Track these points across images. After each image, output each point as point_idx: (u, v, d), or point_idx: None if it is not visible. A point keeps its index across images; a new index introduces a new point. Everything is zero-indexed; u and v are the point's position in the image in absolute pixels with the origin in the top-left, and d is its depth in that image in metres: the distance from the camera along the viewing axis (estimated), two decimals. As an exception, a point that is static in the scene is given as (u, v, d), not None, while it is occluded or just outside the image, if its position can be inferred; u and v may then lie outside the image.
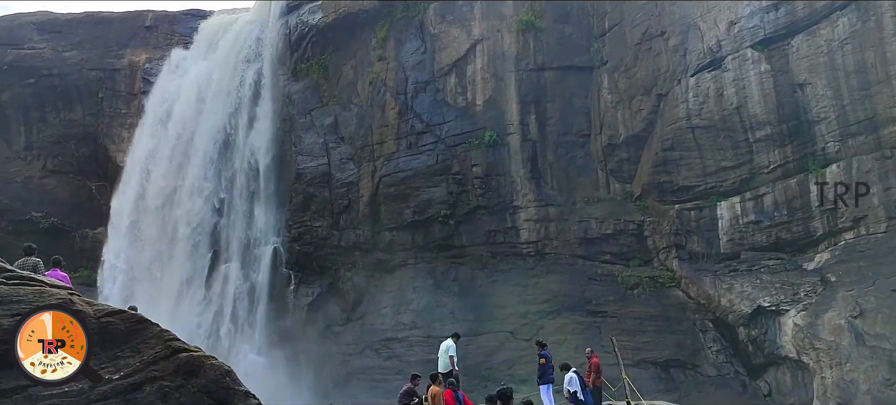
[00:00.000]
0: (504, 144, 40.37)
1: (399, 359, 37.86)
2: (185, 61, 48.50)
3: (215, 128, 45.09)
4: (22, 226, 47.19)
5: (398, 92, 42.57)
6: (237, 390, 11.47)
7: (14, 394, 9.98)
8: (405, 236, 40.97)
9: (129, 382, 10.65)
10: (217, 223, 43.59)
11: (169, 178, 44.70)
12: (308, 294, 41.57)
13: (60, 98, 49.81)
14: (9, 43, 50.66)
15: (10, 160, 49.83)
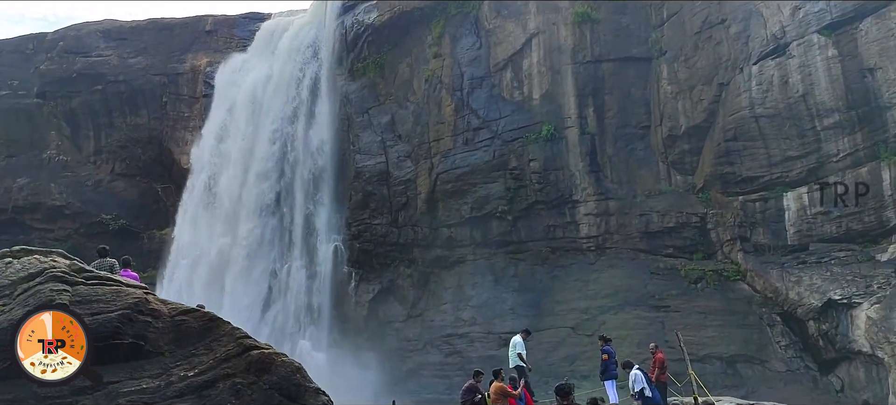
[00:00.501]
0: (562, 138, 40.01)
1: (460, 355, 37.91)
2: (244, 64, 49.41)
3: (275, 129, 45.84)
4: (93, 228, 48.99)
5: (454, 88, 42.60)
6: (308, 387, 11.64)
7: (95, 390, 10.31)
8: (463, 232, 40.99)
9: (203, 379, 10.89)
10: (279, 222, 44.34)
11: (231, 179, 45.63)
12: (368, 291, 41.95)
13: (126, 103, 51.32)
14: (78, 51, 52.46)
15: (81, 164, 51.63)
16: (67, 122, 52.04)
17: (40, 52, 53.46)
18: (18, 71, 53.16)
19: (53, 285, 10.61)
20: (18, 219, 50.62)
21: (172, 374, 10.91)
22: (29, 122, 51.90)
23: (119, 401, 10.34)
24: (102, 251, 14.62)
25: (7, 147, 51.98)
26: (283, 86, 46.75)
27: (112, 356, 10.64)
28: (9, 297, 10.56)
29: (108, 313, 10.73)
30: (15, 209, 50.82)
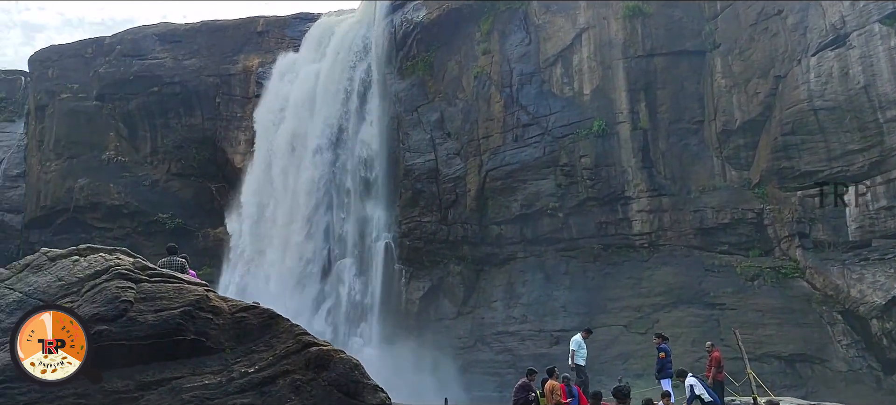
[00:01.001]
0: (613, 134, 39.53)
1: (511, 353, 37.79)
2: (295, 64, 50.01)
3: (326, 127, 46.32)
4: (151, 226, 50.22)
5: (503, 85, 42.44)
6: (366, 384, 11.69)
7: (159, 386, 10.54)
8: (513, 230, 40.83)
9: (263, 376, 11.03)
10: (331, 220, 44.80)
11: (284, 178, 46.27)
12: (419, 288, 42.09)
13: (182, 104, 52.39)
14: (134, 54, 53.74)
15: (139, 164, 52.90)
16: (125, 123, 53.35)
17: (99, 56, 54.90)
18: (78, 74, 54.70)
19: (119, 283, 10.85)
20: (80, 219, 52.12)
21: (233, 371, 11.06)
22: (89, 123, 53.34)
23: (182, 396, 10.53)
24: (171, 249, 14.90)
25: (68, 148, 53.50)
26: (333, 85, 47.19)
27: (174, 352, 10.85)
28: (76, 294, 10.83)
29: (171, 310, 10.93)
30: (76, 209, 52.35)
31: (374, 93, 46.30)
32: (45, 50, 58.88)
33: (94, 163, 52.77)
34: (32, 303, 10.80)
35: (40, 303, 10.69)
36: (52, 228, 52.31)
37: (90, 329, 10.21)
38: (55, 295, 10.92)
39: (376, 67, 46.76)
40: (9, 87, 60.81)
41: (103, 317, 10.32)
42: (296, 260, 44.31)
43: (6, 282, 11.33)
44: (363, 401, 11.69)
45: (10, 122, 59.26)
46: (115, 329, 10.38)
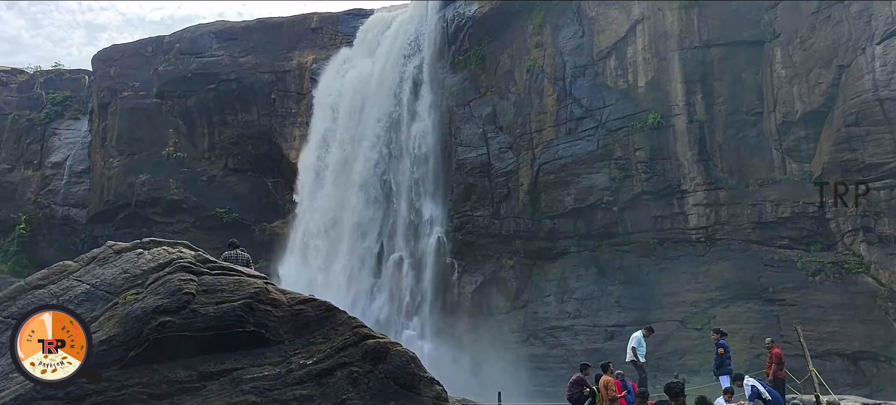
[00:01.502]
0: (669, 126, 38.90)
1: (564, 348, 37.59)
2: (348, 60, 50.49)
3: (379, 123, 46.66)
4: (209, 221, 51.35)
5: (556, 78, 42.14)
6: (422, 376, 11.76)
7: (220, 377, 10.76)
8: (567, 224, 40.55)
9: (321, 367, 11.18)
10: (384, 215, 45.15)
11: (337, 173, 46.79)
12: (471, 282, 42.15)
13: (238, 100, 53.33)
14: (192, 52, 54.92)
15: (197, 160, 54.08)
16: (184, 120, 54.56)
17: (158, 54, 56.23)
18: (139, 73, 56.13)
19: (181, 275, 11.10)
20: (140, 213, 53.56)
21: (292, 362, 11.22)
22: (149, 121, 54.72)
23: (243, 386, 10.73)
24: (233, 244, 15.20)
25: (130, 145, 55.00)
26: (386, 80, 47.50)
27: (235, 344, 11.06)
28: (141, 286, 11.13)
29: (232, 302, 11.14)
30: (137, 203, 53.81)
31: (426, 87, 46.46)
32: (107, 49, 60.54)
33: (154, 159, 54.12)
34: (100, 294, 11.15)
35: (107, 294, 11.03)
36: (114, 223, 53.90)
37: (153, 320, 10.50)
38: (121, 287, 11.24)
39: (428, 62, 46.89)
40: (74, 86, 62.64)
41: (166, 309, 10.58)
42: (349, 254, 44.80)
43: (75, 274, 11.71)
44: (419, 393, 11.75)
45: (75, 120, 61.08)
46: (178, 320, 10.62)
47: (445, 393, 12.23)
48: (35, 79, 63.29)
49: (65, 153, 59.54)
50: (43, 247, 54.89)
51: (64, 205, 57.78)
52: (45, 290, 11.39)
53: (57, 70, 65.47)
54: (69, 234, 56.07)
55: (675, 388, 15.77)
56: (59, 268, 12.03)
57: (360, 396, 11.28)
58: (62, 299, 11.14)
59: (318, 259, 45.89)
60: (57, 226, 56.95)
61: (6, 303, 11.25)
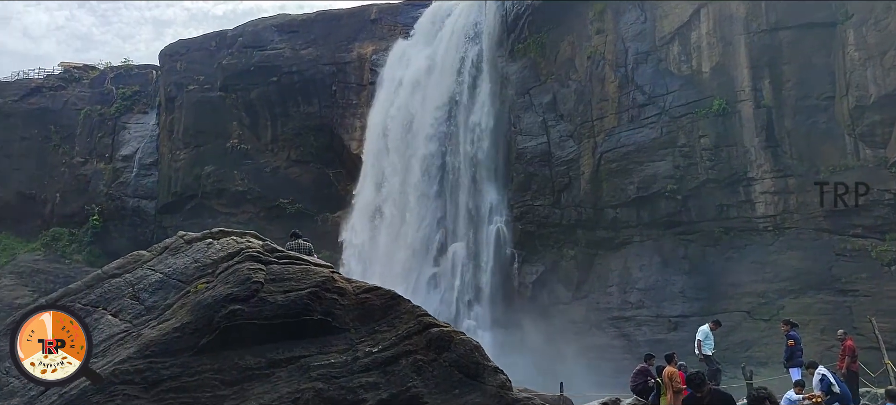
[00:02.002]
0: (734, 112, 37.93)
1: (627, 339, 37.12)
2: (407, 50, 50.65)
3: (438, 112, 46.70)
4: (273, 211, 52.33)
5: (618, 64, 41.49)
6: (486, 365, 11.73)
7: (288, 364, 10.92)
8: (629, 213, 39.97)
9: (386, 355, 11.24)
10: (443, 205, 45.23)
11: (397, 163, 47.04)
12: (532, 272, 41.94)
13: (299, 93, 54.10)
14: (255, 46, 55.91)
15: (260, 152, 55.12)
16: (247, 112, 55.61)
17: (222, 48, 57.41)
18: (204, 67, 57.43)
19: (250, 264, 11.30)
20: (206, 205, 54.90)
21: (358, 350, 11.32)
22: (214, 113, 55.93)
23: (310, 373, 10.87)
24: (295, 234, 15.40)
25: (196, 138, 56.35)
26: (446, 70, 47.49)
27: (302, 331, 11.19)
28: (211, 276, 11.36)
29: (299, 291, 11.28)
30: (203, 194, 55.18)
31: (486, 76, 46.29)
32: (173, 44, 62.10)
33: (219, 151, 55.34)
34: (172, 283, 11.45)
35: (180, 282, 11.30)
36: (182, 213, 55.35)
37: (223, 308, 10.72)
38: (192, 275, 11.51)
39: (487, 51, 46.72)
40: (142, 81, 64.45)
41: (236, 297, 10.78)
42: (409, 244, 45.03)
43: (148, 263, 12.05)
44: (484, 382, 11.73)
45: (143, 113, 62.86)
46: (248, 308, 10.81)
47: (509, 382, 12.18)
48: (105, 75, 65.33)
49: (134, 146, 61.36)
50: (115, 238, 56.77)
51: (134, 196, 59.60)
52: (121, 279, 11.75)
53: (126, 66, 67.48)
54: (139, 225, 57.80)
55: (697, 379, 15.02)
56: (134, 257, 12.40)
57: (425, 384, 11.31)
58: (137, 287, 11.48)
59: (379, 249, 46.27)
60: (128, 216, 58.79)
61: (86, 291, 11.65)
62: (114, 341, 10.67)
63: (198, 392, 10.19)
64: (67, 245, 59.16)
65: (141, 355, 10.20)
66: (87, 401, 9.67)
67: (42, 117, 61.87)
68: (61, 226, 60.01)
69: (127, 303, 11.36)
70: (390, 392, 10.99)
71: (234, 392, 10.36)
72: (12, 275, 57.13)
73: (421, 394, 11.13)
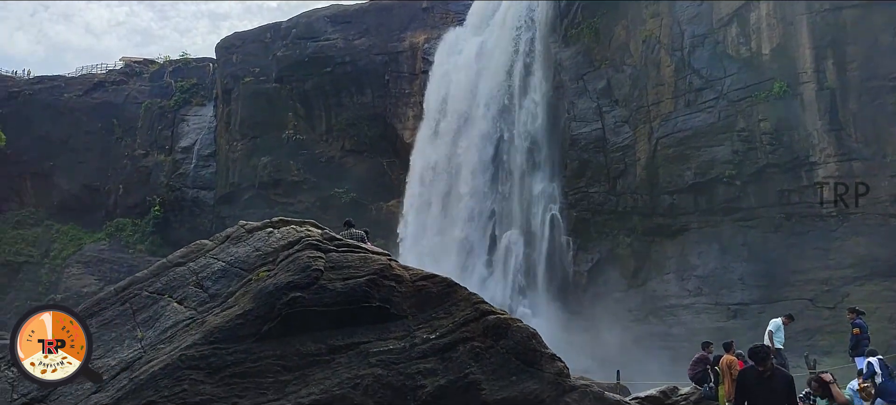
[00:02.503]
0: (796, 95, 36.89)
1: (685, 327, 36.53)
2: (460, 38, 50.58)
3: (490, 100, 46.60)
4: (328, 201, 52.93)
5: (674, 48, 40.71)
6: (543, 352, 11.69)
7: (348, 350, 11.05)
8: (686, 199, 39.28)
9: (444, 342, 11.28)
10: (496, 193, 45.14)
11: (450, 151, 47.06)
12: (587, 260, 41.59)
13: (353, 83, 54.54)
14: (308, 37, 56.53)
15: (315, 142, 55.82)
16: (302, 103, 56.30)
17: (277, 40, 58.20)
18: (259, 59, 58.31)
19: (310, 252, 11.43)
20: (263, 195, 55.83)
21: (416, 337, 11.38)
22: (269, 105, 56.78)
23: (369, 359, 10.98)
24: (348, 223, 15.55)
25: (252, 129, 57.32)
26: (498, 57, 47.32)
27: (361, 318, 11.30)
28: (272, 263, 11.54)
29: (358, 278, 11.37)
30: (260, 185, 56.14)
31: (538, 63, 45.98)
32: (228, 37, 63.25)
33: (275, 142, 56.17)
34: (234, 271, 11.66)
35: (242, 271, 11.51)
36: (239, 204, 56.37)
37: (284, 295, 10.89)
38: (253, 264, 11.70)
39: (540, 37, 46.38)
40: (199, 74, 65.81)
41: (297, 285, 10.92)
42: (463, 232, 45.08)
43: (211, 252, 12.29)
44: (541, 369, 11.70)
45: (201, 106, 64.20)
46: (308, 296, 10.94)
47: (567, 369, 12.12)
48: (165, 68, 66.93)
49: (193, 138, 62.74)
50: (175, 227, 58.25)
51: (193, 187, 61.00)
52: (185, 267, 12.01)
53: (184, 59, 68.98)
54: (198, 215, 59.12)
55: (761, 352, 14.26)
56: (197, 246, 12.65)
57: (483, 371, 11.33)
58: (201, 276, 11.71)
59: (432, 237, 46.42)
60: (187, 207, 60.22)
61: (152, 279, 11.94)
62: (179, 328, 10.92)
63: (261, 377, 10.39)
64: (130, 235, 60.94)
65: (206, 341, 10.43)
66: (155, 385, 9.94)
67: (105, 111, 63.72)
68: (124, 217, 61.86)
69: (191, 290, 11.62)
70: (448, 378, 11.04)
71: (296, 377, 10.53)
72: (79, 264, 59.12)
73: (479, 381, 11.15)
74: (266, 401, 10.25)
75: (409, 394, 10.79)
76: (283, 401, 10.31)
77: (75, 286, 57.05)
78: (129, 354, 10.72)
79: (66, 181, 63.68)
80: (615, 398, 12.85)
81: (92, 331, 11.30)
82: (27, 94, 64.50)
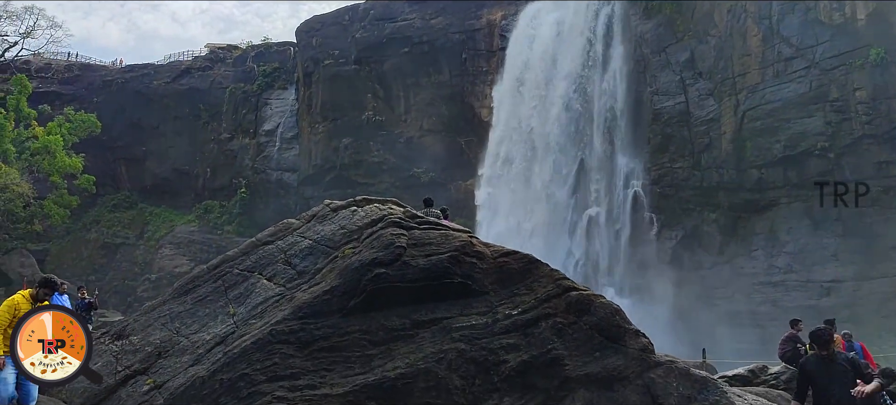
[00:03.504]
0: (894, 62, 35.01)
1: (774, 305, 35.43)
2: (537, 14, 49.92)
3: (570, 76, 45.93)
4: (408, 180, 53.38)
5: (761, 16, 39.21)
6: (627, 328, 11.53)
7: (431, 325, 11.18)
8: (775, 173, 37.95)
9: (526, 318, 11.28)
10: (577, 170, 44.56)
11: (529, 128, 46.70)
12: (671, 237, 40.74)
13: (430, 63, 54.67)
14: (386, 18, 56.92)
15: (394, 123, 56.32)
16: (380, 84, 56.82)
17: (355, 22, 58.82)
18: (338, 41, 59.06)
19: (393, 230, 11.58)
20: (345, 175, 56.75)
21: (498, 312, 11.42)
22: (349, 87, 57.51)
23: (452, 334, 11.08)
24: (427, 201, 15.69)
25: (333, 111, 58.23)
26: (576, 32, 46.56)
27: (444, 294, 11.40)
28: (357, 241, 11.75)
29: (440, 255, 11.46)
30: (342, 166, 57.09)
31: (618, 36, 45.03)
32: (308, 21, 64.20)
33: (355, 123, 56.93)
34: (321, 249, 11.92)
35: (328, 248, 11.76)
36: (321, 185, 57.42)
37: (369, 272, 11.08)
38: (339, 242, 11.94)
39: (620, 10, 45.38)
40: (281, 58, 67.16)
41: (381, 261, 11.10)
42: (543, 209, 44.76)
43: (298, 231, 12.60)
44: (625, 345, 11.55)
45: (283, 89, 65.56)
46: (392, 272, 11.11)
47: (652, 345, 11.93)
48: (247, 53, 68.57)
49: (276, 121, 64.22)
50: (260, 209, 59.84)
51: (277, 169, 62.54)
52: (274, 246, 12.36)
53: (265, 44, 70.49)
54: (282, 196, 60.58)
55: (823, 335, 12.90)
56: (284, 225, 13.01)
57: (566, 346, 11.28)
58: (289, 253, 12.05)
59: (512, 214, 46.26)
60: (272, 188, 61.78)
61: (242, 258, 12.35)
62: (269, 303, 11.27)
63: (347, 351, 10.63)
64: (218, 216, 63.02)
65: (295, 316, 10.73)
66: (248, 358, 10.29)
67: (192, 97, 65.85)
68: (212, 199, 63.99)
69: (280, 268, 11.95)
70: (531, 354, 11.04)
71: (382, 351, 10.73)
72: (171, 245, 61.56)
73: (562, 357, 11.10)
74: (353, 375, 10.49)
75: (493, 369, 10.84)
76: (369, 375, 10.53)
77: (168, 266, 59.49)
78: (223, 329, 11.12)
79: (158, 165, 66.30)
80: (701, 375, 12.55)
81: (188, 306, 11.81)
82: (120, 83, 67.26)
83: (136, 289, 59.30)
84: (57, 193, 49.92)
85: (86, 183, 52.20)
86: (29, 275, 53.55)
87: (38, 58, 66.59)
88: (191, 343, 11.09)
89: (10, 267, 53.79)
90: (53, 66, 67.19)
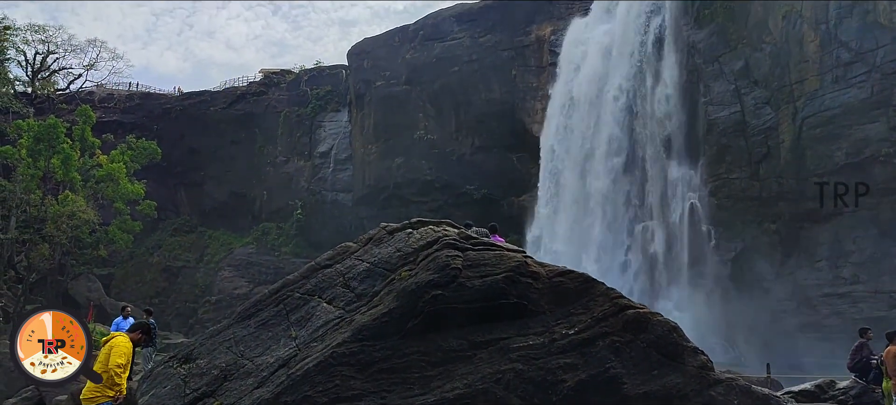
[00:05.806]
0: (959, 64, 33.89)
1: (840, 317, 34.39)
2: (586, 28, 49.75)
3: (621, 89, 45.54)
4: (460, 198, 53.61)
5: (818, 21, 38.30)
6: (685, 346, 11.47)
7: (488, 346, 11.27)
8: (838, 182, 36.88)
9: (583, 337, 11.30)
10: (632, 183, 44.12)
11: (582, 142, 46.43)
12: (730, 249, 39.89)
13: (480, 80, 54.88)
14: (435, 38, 57.44)
15: (446, 141, 56.63)
16: (431, 103, 57.27)
17: (405, 43, 59.46)
18: (389, 62, 59.78)
19: (448, 252, 11.70)
20: (398, 194, 57.27)
21: (554, 332, 11.45)
22: (400, 107, 58.11)
23: (510, 355, 11.16)
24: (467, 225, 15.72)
25: (385, 131, 58.88)
26: (627, 44, 46.20)
27: (500, 314, 11.49)
28: (413, 263, 11.90)
29: (495, 275, 11.56)
30: (395, 185, 57.65)
31: (670, 47, 44.49)
32: (359, 43, 65.10)
33: (407, 142, 57.44)
34: (378, 272, 12.11)
35: (385, 271, 11.92)
36: (376, 204, 58.06)
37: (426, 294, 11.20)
38: (395, 264, 12.12)
39: (671, 20, 44.85)
40: (333, 81, 68.21)
41: (437, 283, 11.24)
42: (598, 225, 44.36)
43: (355, 254, 12.83)
44: (683, 363, 11.49)
45: (336, 112, 66.57)
46: (448, 293, 11.24)
47: (711, 362, 11.82)
48: (300, 77, 69.81)
49: (330, 143, 65.20)
50: (317, 230, 60.73)
51: (332, 190, 63.44)
52: (332, 269, 12.61)
53: (317, 67, 71.68)
54: (338, 217, 61.35)
55: None
56: (342, 248, 13.26)
57: (623, 365, 11.26)
58: (347, 276, 12.27)
59: (566, 231, 45.99)
60: (327, 210, 62.65)
61: (302, 281, 12.62)
62: (330, 326, 11.49)
63: (407, 372, 10.77)
64: (276, 238, 64.13)
65: (354, 339, 10.93)
66: (310, 380, 10.52)
67: (247, 121, 67.33)
68: (269, 221, 65.18)
69: (339, 291, 12.18)
70: (589, 373, 11.05)
71: (440, 372, 10.85)
72: (230, 267, 62.86)
73: (619, 376, 11.09)
74: (412, 396, 10.63)
75: (551, 388, 10.87)
76: (429, 396, 10.65)
77: (227, 288, 60.74)
78: (286, 352, 11.38)
79: (216, 189, 67.90)
80: (763, 392, 12.33)
81: (251, 330, 12.11)
82: (178, 110, 69.18)
83: (197, 311, 60.68)
84: (120, 219, 51.46)
85: (147, 208, 53.68)
86: (95, 299, 55.43)
87: (100, 88, 69.16)
88: (255, 366, 11.38)
89: (77, 291, 55.65)
90: (115, 96, 69.61)
